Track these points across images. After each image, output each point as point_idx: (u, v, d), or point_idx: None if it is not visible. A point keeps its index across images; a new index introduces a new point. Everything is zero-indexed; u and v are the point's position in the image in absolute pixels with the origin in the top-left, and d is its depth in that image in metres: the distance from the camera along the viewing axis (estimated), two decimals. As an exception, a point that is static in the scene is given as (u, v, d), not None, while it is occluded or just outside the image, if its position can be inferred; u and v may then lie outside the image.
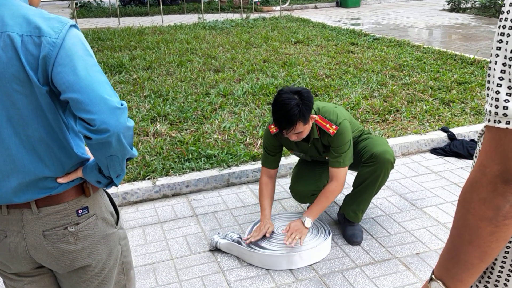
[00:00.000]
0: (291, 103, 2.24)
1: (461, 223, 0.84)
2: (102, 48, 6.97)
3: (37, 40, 1.13)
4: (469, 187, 0.82)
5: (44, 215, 1.26)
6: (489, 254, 0.83)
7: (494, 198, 0.78)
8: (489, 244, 0.81)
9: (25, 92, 1.16)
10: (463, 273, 0.87)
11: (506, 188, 0.77)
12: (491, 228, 0.80)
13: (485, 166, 0.79)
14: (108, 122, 1.12)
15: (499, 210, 0.78)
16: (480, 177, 0.79)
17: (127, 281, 1.49)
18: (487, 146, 0.79)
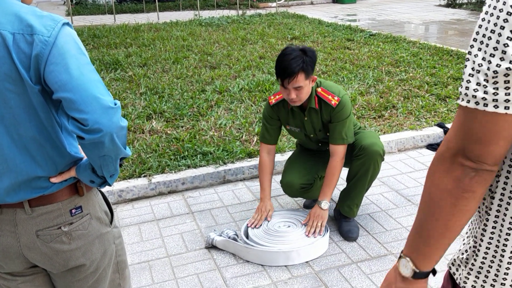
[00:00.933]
0: (294, 53, 2.33)
1: (426, 196, 0.88)
2: (98, 45, 6.94)
3: (29, 38, 1.12)
4: (435, 160, 0.86)
5: (37, 214, 1.25)
6: (450, 227, 0.85)
7: (455, 170, 0.82)
8: (450, 218, 0.84)
9: (17, 91, 1.15)
10: (426, 247, 0.90)
11: (465, 162, 0.81)
12: (452, 200, 0.83)
13: (449, 141, 0.84)
14: (101, 122, 1.11)
15: (459, 181, 0.82)
16: (444, 151, 0.84)
17: (122, 280, 1.48)
18: (454, 123, 0.84)
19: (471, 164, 0.81)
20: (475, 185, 0.81)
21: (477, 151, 0.80)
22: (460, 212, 0.83)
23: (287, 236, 2.55)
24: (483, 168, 0.81)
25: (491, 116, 0.78)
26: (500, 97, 0.76)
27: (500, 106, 0.77)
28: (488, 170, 0.81)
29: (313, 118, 2.56)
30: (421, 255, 0.91)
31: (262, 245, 2.49)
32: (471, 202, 0.83)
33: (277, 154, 3.40)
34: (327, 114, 2.51)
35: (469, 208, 0.83)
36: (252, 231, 2.61)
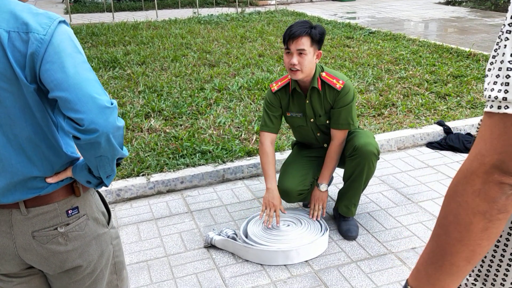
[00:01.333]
0: (302, 22, 2.44)
1: (451, 219, 0.77)
2: (96, 43, 6.91)
3: (25, 37, 1.10)
4: (462, 179, 0.75)
5: (33, 215, 1.24)
6: (478, 253, 0.76)
7: (490, 189, 0.72)
8: (479, 242, 0.75)
9: (12, 90, 1.13)
10: (446, 278, 0.79)
11: (503, 178, 0.71)
12: (484, 223, 0.73)
13: (484, 156, 0.72)
14: (97, 122, 1.09)
15: (495, 202, 0.72)
16: (476, 167, 0.73)
17: (119, 281, 1.47)
18: (487, 134, 0.73)
19: (510, 180, 0.71)
20: (510, 204, 0.73)
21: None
22: (492, 234, 0.75)
23: (286, 235, 2.54)
24: None
25: None
26: None
27: None
28: None
29: (315, 102, 2.57)
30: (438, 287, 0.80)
31: (261, 244, 2.48)
32: (503, 224, 0.74)
33: (276, 152, 3.38)
34: (331, 98, 2.52)
35: (499, 231, 0.75)
36: (251, 230, 2.60)
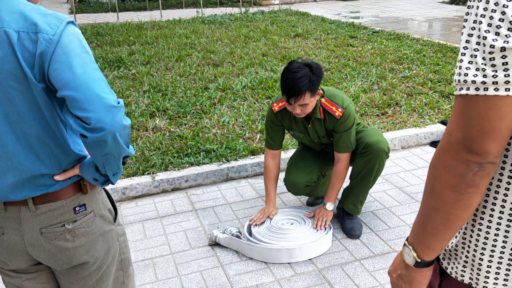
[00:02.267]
0: (301, 71, 2.31)
1: (429, 189, 0.85)
2: (101, 43, 6.95)
3: (34, 37, 1.12)
4: (436, 154, 0.83)
5: (41, 212, 1.26)
6: (453, 220, 0.84)
7: (458, 166, 0.79)
8: (453, 211, 0.82)
9: (21, 88, 1.15)
10: (430, 238, 0.88)
11: (469, 156, 0.78)
12: (455, 195, 0.81)
13: (450, 134, 0.80)
14: (104, 121, 1.11)
15: (463, 177, 0.79)
16: (445, 144, 0.81)
17: (125, 277, 1.49)
18: (453, 114, 0.80)
19: (475, 158, 0.78)
20: (478, 180, 0.79)
21: (481, 141, 0.77)
22: (463, 206, 0.82)
23: (290, 233, 2.56)
24: (486, 161, 0.78)
25: (493, 100, 0.75)
26: (499, 78, 0.74)
27: (501, 88, 0.74)
28: (491, 162, 0.78)
29: (317, 126, 2.58)
30: (424, 245, 0.90)
31: (265, 242, 2.50)
32: (474, 196, 0.81)
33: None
34: (331, 124, 2.53)
35: (472, 202, 0.82)
36: (255, 228, 2.62)
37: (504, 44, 0.73)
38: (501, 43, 0.73)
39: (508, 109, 0.75)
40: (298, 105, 2.36)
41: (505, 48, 0.73)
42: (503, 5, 0.73)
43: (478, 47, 0.76)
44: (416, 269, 0.94)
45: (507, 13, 0.73)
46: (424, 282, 0.96)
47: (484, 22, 0.75)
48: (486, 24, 0.75)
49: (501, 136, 0.76)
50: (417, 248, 0.91)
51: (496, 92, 0.74)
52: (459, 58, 0.80)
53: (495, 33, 0.74)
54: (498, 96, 0.74)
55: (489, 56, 0.74)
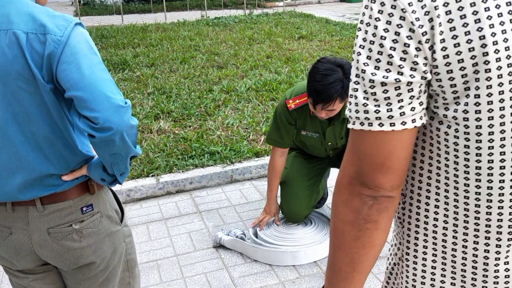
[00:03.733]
0: (333, 75, 2.06)
1: (332, 228, 0.81)
2: (106, 45, 6.98)
3: (42, 38, 1.13)
4: (335, 189, 0.79)
5: (49, 212, 1.26)
6: (358, 261, 0.78)
7: (353, 200, 0.75)
8: (356, 251, 0.77)
9: (30, 89, 1.16)
10: (340, 283, 0.82)
11: (362, 190, 0.74)
12: (355, 232, 0.76)
13: (344, 168, 0.77)
14: (112, 120, 1.12)
15: (359, 212, 0.75)
16: (341, 179, 0.77)
17: (131, 278, 1.49)
18: (347, 147, 0.77)
19: (368, 192, 0.74)
20: (375, 214, 0.74)
21: (372, 176, 0.73)
22: (365, 244, 0.76)
23: (295, 234, 2.56)
24: (379, 194, 0.73)
25: (378, 135, 0.71)
26: (382, 114, 0.70)
27: (385, 123, 0.70)
28: (386, 196, 0.74)
29: (337, 127, 2.41)
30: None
31: (271, 243, 2.49)
32: (374, 233, 0.75)
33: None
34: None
35: (373, 240, 0.76)
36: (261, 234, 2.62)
37: (384, 79, 0.68)
38: (380, 77, 0.69)
39: (395, 143, 0.71)
40: (326, 110, 2.16)
41: (385, 83, 0.69)
42: (381, 37, 0.68)
43: (358, 80, 0.72)
44: None
45: (385, 46, 0.68)
46: None
47: (363, 54, 0.70)
48: (365, 56, 0.70)
49: (393, 170, 0.72)
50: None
51: (380, 127, 0.71)
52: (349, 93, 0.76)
53: (374, 67, 0.69)
54: (384, 131, 0.71)
55: (370, 90, 0.70)
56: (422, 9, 0.66)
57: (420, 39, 0.67)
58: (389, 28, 0.68)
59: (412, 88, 0.69)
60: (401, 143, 0.71)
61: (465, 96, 0.69)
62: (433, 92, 0.72)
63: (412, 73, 0.68)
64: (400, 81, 0.68)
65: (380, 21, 0.68)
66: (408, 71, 0.68)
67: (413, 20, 0.66)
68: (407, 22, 0.67)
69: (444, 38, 0.66)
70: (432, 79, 0.70)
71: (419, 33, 0.67)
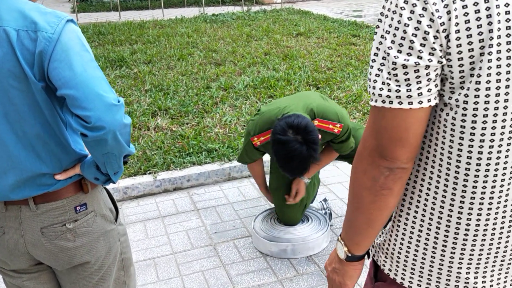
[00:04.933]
0: (300, 152, 2.02)
1: (350, 191, 0.93)
2: (103, 42, 6.95)
3: (33, 35, 1.11)
4: (355, 159, 0.90)
5: (42, 212, 1.25)
6: (373, 220, 0.90)
7: (372, 170, 0.86)
8: (372, 212, 0.89)
9: (21, 88, 1.14)
10: (356, 236, 0.96)
11: (380, 161, 0.84)
12: (371, 197, 0.87)
13: (365, 140, 0.87)
14: (104, 119, 1.10)
15: (376, 181, 0.85)
16: (362, 150, 0.87)
17: (127, 277, 1.48)
18: (368, 121, 0.87)
19: (386, 163, 0.84)
20: (390, 183, 0.85)
21: (390, 149, 0.82)
22: (380, 207, 0.88)
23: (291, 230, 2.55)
24: (396, 166, 0.83)
25: (398, 112, 0.81)
26: (402, 93, 0.79)
27: (404, 102, 0.79)
28: (401, 168, 0.84)
29: None
30: (353, 242, 0.97)
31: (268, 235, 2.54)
32: (389, 198, 0.87)
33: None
34: (329, 138, 2.31)
35: (388, 203, 0.88)
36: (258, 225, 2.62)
37: (405, 62, 0.78)
38: (402, 60, 0.78)
39: (412, 120, 0.81)
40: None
41: (406, 66, 0.78)
42: (405, 24, 0.77)
43: (383, 61, 0.81)
44: (348, 263, 1.00)
45: (408, 32, 0.77)
46: (355, 275, 1.02)
47: (388, 39, 0.79)
48: (390, 40, 0.79)
49: (409, 144, 0.82)
50: (348, 243, 0.98)
51: (400, 105, 0.80)
52: (369, 67, 0.85)
53: (397, 50, 0.78)
54: (402, 109, 0.80)
55: (393, 72, 0.79)
56: (442, 2, 0.75)
57: (438, 28, 0.76)
58: (412, 17, 0.77)
59: (429, 72, 0.78)
60: (417, 120, 0.81)
61: (469, 82, 0.78)
62: (443, 76, 0.81)
63: (430, 57, 0.77)
64: (419, 64, 0.77)
65: (405, 10, 0.77)
66: (427, 55, 0.77)
67: (433, 11, 0.75)
68: (428, 12, 0.76)
69: (459, 29, 0.76)
70: (444, 64, 0.79)
71: (437, 23, 0.76)
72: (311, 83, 4.94)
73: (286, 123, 2.05)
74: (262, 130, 2.26)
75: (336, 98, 4.49)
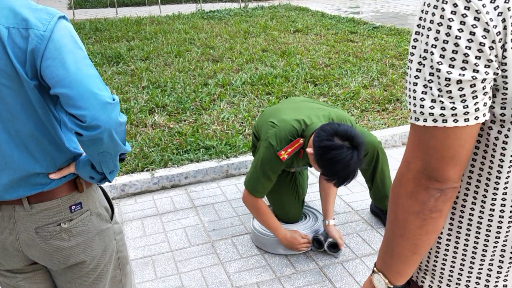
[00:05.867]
0: (353, 159, 2.00)
1: (392, 217, 0.86)
2: (100, 38, 6.91)
3: (25, 33, 1.09)
4: (397, 182, 0.83)
5: (37, 211, 1.24)
6: (420, 246, 0.84)
7: (419, 193, 0.79)
8: (419, 237, 0.83)
9: (13, 86, 1.12)
10: (399, 265, 0.88)
11: (429, 183, 0.78)
12: (420, 222, 0.81)
13: (409, 162, 0.80)
14: (99, 118, 1.09)
15: (425, 204, 0.79)
16: (405, 173, 0.81)
17: (123, 276, 1.47)
18: (410, 143, 0.81)
19: (436, 185, 0.78)
20: (441, 205, 0.80)
21: (441, 169, 0.77)
22: (428, 231, 0.82)
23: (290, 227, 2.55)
24: (448, 187, 0.78)
25: (451, 131, 0.75)
26: (458, 110, 0.74)
27: (460, 119, 0.74)
28: (453, 187, 0.79)
29: None
30: (393, 271, 0.90)
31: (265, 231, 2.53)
32: (439, 221, 0.81)
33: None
34: None
35: (437, 226, 0.82)
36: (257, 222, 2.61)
37: (460, 77, 0.72)
38: (456, 75, 0.72)
39: (467, 137, 0.76)
40: None
41: (461, 81, 0.72)
42: (456, 36, 0.72)
43: (432, 78, 0.74)
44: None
45: (461, 45, 0.71)
46: None
47: (436, 53, 0.73)
48: (438, 55, 0.73)
49: (461, 162, 0.77)
50: (387, 274, 0.91)
51: (455, 123, 0.74)
52: (410, 85, 0.78)
53: (449, 65, 0.72)
54: (458, 127, 0.75)
55: (446, 88, 0.73)
56: (495, 10, 0.70)
57: (494, 39, 0.71)
58: (464, 28, 0.71)
59: (485, 85, 0.73)
60: (471, 137, 0.76)
61: None
62: (493, 88, 0.76)
63: (487, 70, 0.72)
64: (476, 78, 0.72)
65: (454, 21, 0.71)
66: (483, 68, 0.72)
67: (488, 21, 0.70)
68: (481, 22, 0.70)
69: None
70: (498, 75, 0.74)
71: (493, 32, 0.70)
72: (309, 80, 4.92)
73: (333, 131, 2.03)
74: (286, 140, 2.22)
75: (334, 95, 4.47)
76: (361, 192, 3.07)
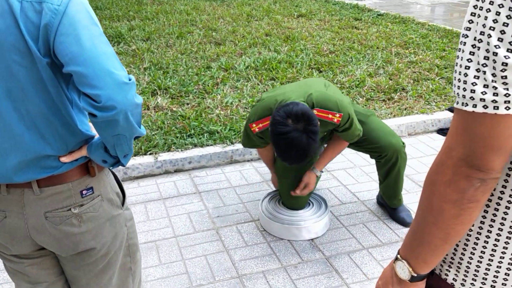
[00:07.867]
0: (300, 141, 1.95)
1: (426, 205, 0.83)
2: (100, 17, 6.77)
3: (38, 7, 1.02)
4: (435, 169, 0.80)
5: (46, 195, 1.18)
6: (452, 235, 0.82)
7: (459, 181, 0.77)
8: (453, 227, 0.81)
9: (25, 63, 1.06)
10: (427, 253, 0.86)
11: (471, 172, 0.75)
12: (456, 211, 0.79)
13: (451, 149, 0.77)
14: (115, 99, 1.02)
15: (464, 193, 0.77)
16: (445, 160, 0.78)
17: (133, 263, 1.42)
18: (454, 129, 0.77)
19: (477, 174, 0.75)
20: (480, 195, 0.77)
21: (486, 158, 0.74)
22: (464, 221, 0.80)
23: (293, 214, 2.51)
24: (490, 177, 0.75)
25: (503, 118, 0.71)
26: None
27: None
28: (494, 178, 0.76)
29: None
30: (420, 260, 0.87)
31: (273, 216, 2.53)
32: (475, 211, 0.79)
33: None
34: (331, 127, 2.24)
35: (472, 217, 0.80)
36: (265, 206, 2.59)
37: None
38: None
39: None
40: None
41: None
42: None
43: (486, 62, 0.70)
44: (410, 283, 0.91)
45: None
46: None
47: (494, 36, 0.69)
48: (496, 38, 0.69)
49: (506, 152, 0.74)
50: (412, 262, 0.89)
51: (507, 111, 0.70)
52: (461, 68, 0.74)
53: (507, 49, 0.68)
54: (510, 114, 0.71)
55: (501, 73, 0.69)
56: None
57: None
58: None
59: None
60: None
61: None
62: None
63: None
64: None
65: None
66: None
67: None
68: None
69: None
70: None
71: None
72: (313, 66, 4.85)
73: (285, 112, 1.99)
74: (261, 117, 2.20)
75: (339, 82, 4.41)
76: (367, 182, 3.03)
